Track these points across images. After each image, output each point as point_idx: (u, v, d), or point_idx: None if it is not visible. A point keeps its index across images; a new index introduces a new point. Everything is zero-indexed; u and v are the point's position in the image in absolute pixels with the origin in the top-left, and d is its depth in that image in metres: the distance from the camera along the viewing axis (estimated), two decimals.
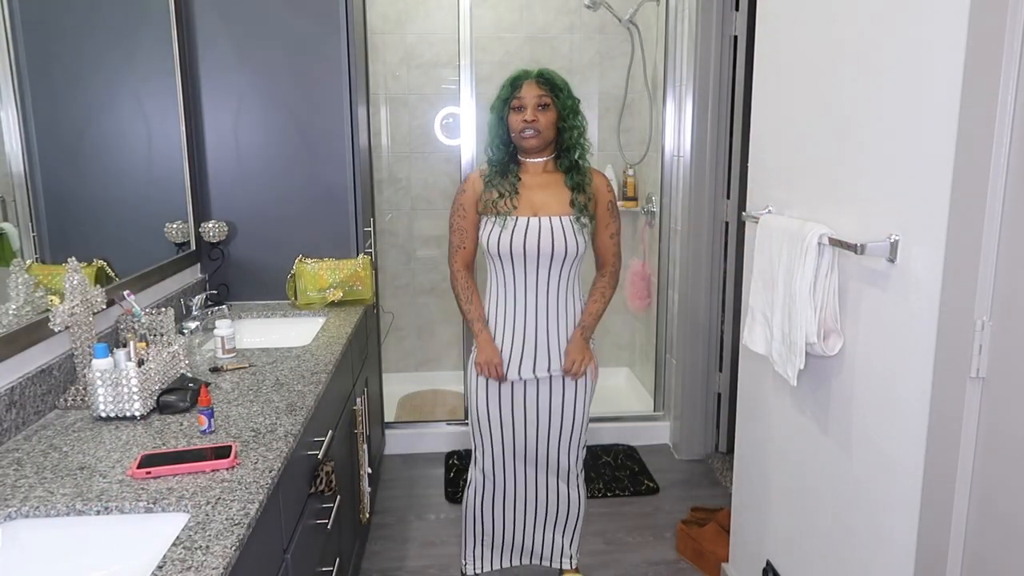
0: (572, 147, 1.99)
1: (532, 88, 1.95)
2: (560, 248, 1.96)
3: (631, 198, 3.90)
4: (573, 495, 2.24)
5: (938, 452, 1.28)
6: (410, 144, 3.93)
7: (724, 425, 3.30)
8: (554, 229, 1.96)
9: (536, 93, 1.94)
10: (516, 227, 1.95)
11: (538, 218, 1.96)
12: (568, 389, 2.10)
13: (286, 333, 2.43)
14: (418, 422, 3.42)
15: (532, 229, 1.95)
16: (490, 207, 1.98)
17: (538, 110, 1.94)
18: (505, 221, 1.96)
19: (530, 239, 1.95)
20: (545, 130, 1.95)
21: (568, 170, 2.01)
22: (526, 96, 1.94)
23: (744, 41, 2.93)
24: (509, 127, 1.98)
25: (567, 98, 1.97)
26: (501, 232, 1.95)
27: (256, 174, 2.61)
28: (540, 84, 1.96)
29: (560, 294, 2.03)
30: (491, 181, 2.01)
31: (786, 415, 1.86)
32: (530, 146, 1.97)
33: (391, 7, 3.76)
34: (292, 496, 1.46)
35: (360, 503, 2.27)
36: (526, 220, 1.96)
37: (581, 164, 2.01)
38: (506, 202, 1.97)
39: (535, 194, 2.00)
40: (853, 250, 1.42)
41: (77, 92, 1.85)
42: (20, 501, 1.18)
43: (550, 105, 1.95)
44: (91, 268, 1.83)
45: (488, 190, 2.00)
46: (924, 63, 1.29)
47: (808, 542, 1.78)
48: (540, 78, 1.96)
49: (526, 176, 2.02)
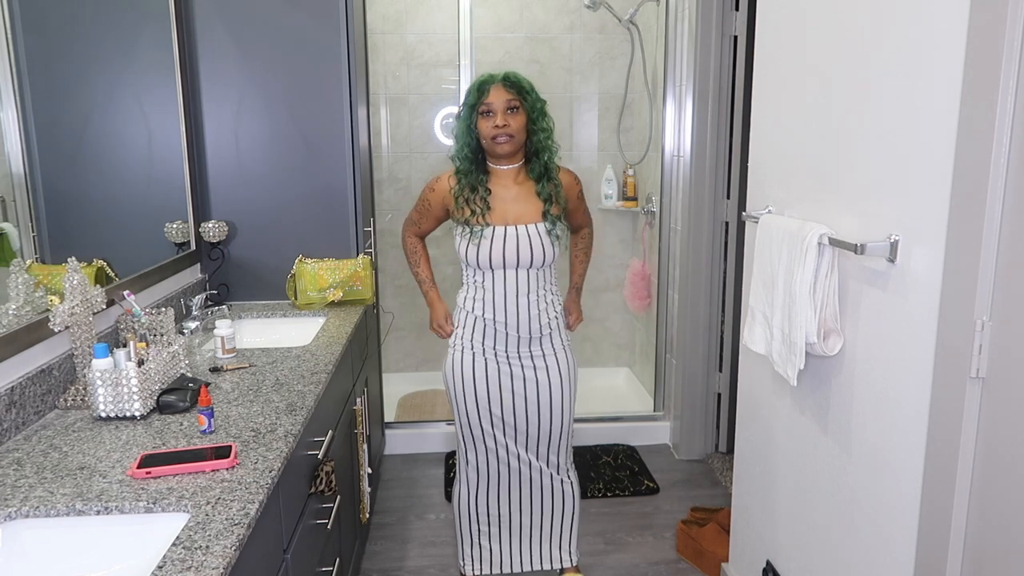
0: (542, 150, 1.98)
1: (500, 92, 1.92)
2: (537, 256, 1.98)
3: (631, 198, 3.90)
4: (567, 488, 2.23)
5: (938, 452, 1.28)
6: (410, 144, 3.93)
7: (724, 425, 3.30)
8: (531, 237, 1.97)
9: (505, 97, 1.91)
10: (493, 238, 1.96)
11: (515, 227, 1.97)
12: (551, 366, 2.11)
13: (286, 333, 2.43)
14: (418, 422, 3.42)
15: (510, 239, 1.96)
16: (463, 222, 1.99)
17: (508, 114, 1.92)
18: (482, 233, 1.96)
19: (508, 249, 1.96)
20: (517, 134, 1.94)
21: (539, 178, 2.00)
22: (494, 101, 1.91)
23: (744, 41, 2.93)
24: (479, 134, 1.95)
25: (536, 100, 1.96)
26: (479, 244, 1.96)
27: (256, 174, 2.61)
28: (507, 88, 1.92)
29: (535, 286, 2.04)
30: (461, 195, 1.99)
31: (786, 415, 1.86)
32: (503, 152, 1.95)
33: (391, 7, 3.76)
34: (292, 496, 1.46)
35: (360, 503, 2.27)
36: (503, 231, 1.96)
37: (551, 169, 2.00)
38: (478, 218, 1.97)
39: (508, 204, 2.00)
40: (853, 250, 1.42)
41: (77, 92, 1.85)
42: (20, 501, 1.18)
43: (519, 108, 1.93)
44: (91, 268, 1.83)
45: (459, 207, 2.00)
46: (924, 62, 1.29)
47: (808, 542, 1.78)
48: (507, 81, 1.93)
49: (497, 186, 2.01)
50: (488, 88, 1.92)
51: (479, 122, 1.94)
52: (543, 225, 1.98)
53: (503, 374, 2.09)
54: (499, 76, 1.94)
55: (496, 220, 1.97)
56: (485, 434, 2.15)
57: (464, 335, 2.09)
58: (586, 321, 4.20)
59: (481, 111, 1.93)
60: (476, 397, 2.10)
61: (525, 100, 1.94)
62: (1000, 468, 1.18)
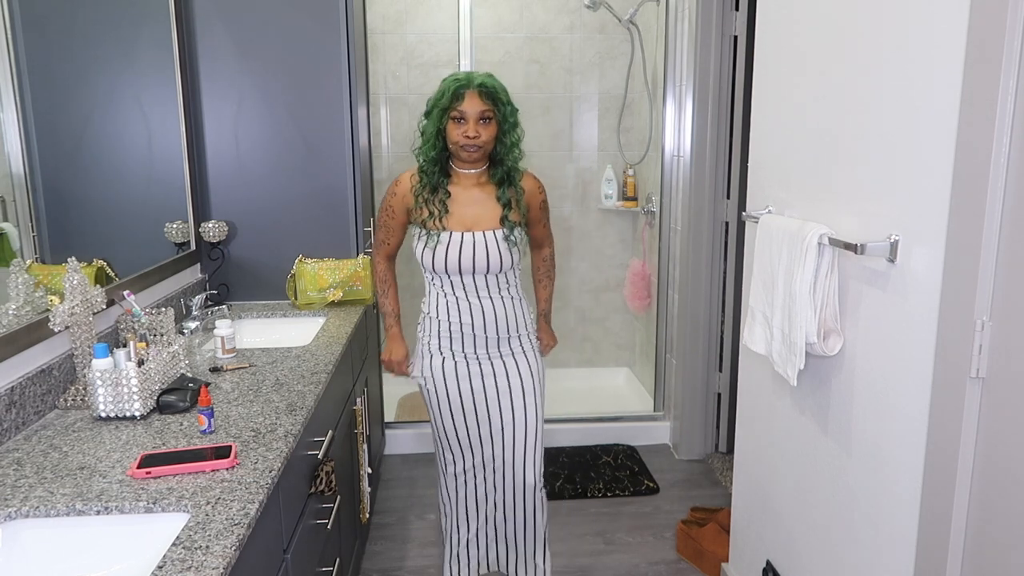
0: (507, 156, 1.94)
1: (475, 101, 1.85)
2: (495, 262, 1.94)
3: (631, 198, 3.90)
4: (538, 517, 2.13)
5: (938, 452, 1.28)
6: (410, 144, 3.92)
7: (724, 425, 3.30)
8: (488, 244, 1.93)
9: (479, 108, 1.85)
10: (450, 244, 1.92)
11: (472, 233, 1.92)
12: (520, 364, 2.05)
13: (286, 333, 2.43)
14: (418, 422, 3.41)
15: (466, 245, 1.92)
16: (420, 224, 1.95)
17: (480, 124, 1.87)
18: (439, 238, 1.91)
19: (464, 255, 1.92)
20: (486, 144, 1.89)
21: (501, 183, 1.95)
22: (468, 110, 1.85)
23: (744, 41, 2.93)
24: (447, 137, 1.89)
25: (509, 111, 1.90)
26: (435, 249, 1.92)
27: (256, 174, 2.61)
28: (483, 96, 1.86)
29: (497, 289, 1.99)
30: (421, 195, 1.95)
31: (786, 415, 1.86)
32: (470, 159, 1.92)
33: (391, 7, 3.76)
34: (292, 496, 1.46)
35: (360, 503, 2.27)
36: (459, 236, 1.92)
37: (513, 175, 1.96)
38: (435, 222, 1.92)
39: (466, 209, 1.95)
40: (853, 250, 1.42)
41: (77, 92, 1.85)
42: (20, 501, 1.18)
43: (491, 118, 1.88)
44: (91, 268, 1.83)
45: (419, 206, 1.96)
46: (924, 62, 1.29)
47: (808, 542, 1.78)
48: (483, 89, 1.85)
49: (457, 188, 1.96)
50: (463, 94, 1.85)
51: (449, 126, 1.88)
52: (500, 232, 1.94)
53: (473, 375, 2.03)
54: (475, 81, 1.86)
55: (453, 225, 1.93)
56: (462, 443, 2.09)
57: (432, 343, 2.04)
58: (586, 321, 4.24)
59: (453, 116, 1.86)
60: (449, 400, 2.05)
61: (498, 110, 1.88)
62: (1000, 468, 1.18)
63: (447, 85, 1.87)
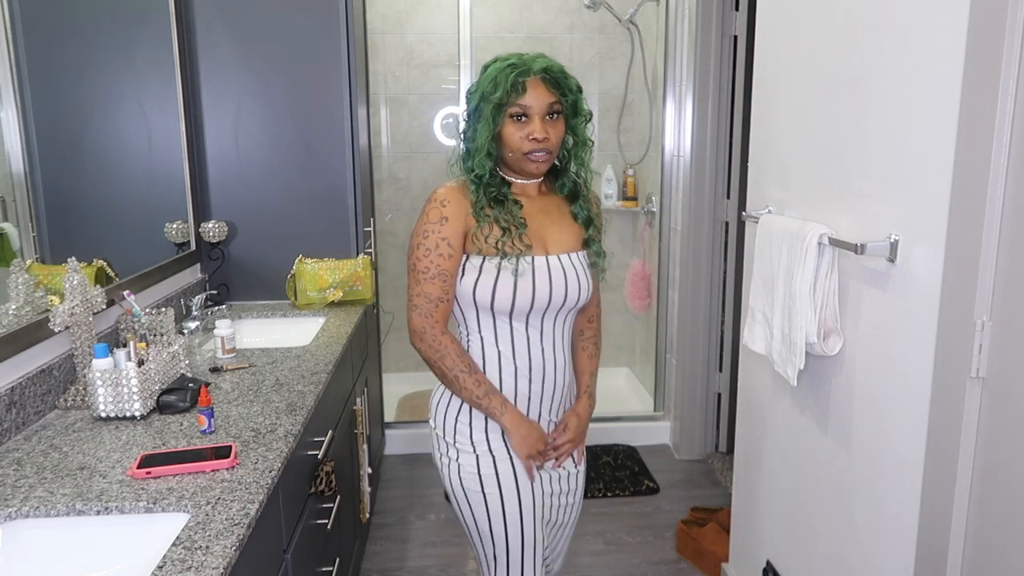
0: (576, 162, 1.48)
1: (540, 92, 1.36)
2: (584, 295, 1.47)
3: (631, 198, 3.90)
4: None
5: (938, 452, 1.28)
6: (410, 144, 3.93)
7: (724, 425, 3.30)
8: (576, 269, 1.45)
9: (547, 100, 1.37)
10: (535, 271, 1.40)
11: (557, 257, 1.43)
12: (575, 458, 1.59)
13: (286, 333, 2.43)
14: (418, 422, 3.41)
15: (555, 271, 1.42)
16: (491, 246, 1.38)
17: (547, 121, 1.38)
18: (518, 263, 1.38)
19: (556, 285, 1.42)
20: (556, 148, 1.42)
21: (572, 196, 1.50)
22: (533, 103, 1.36)
23: (744, 41, 2.93)
24: (503, 141, 1.38)
25: (579, 100, 1.43)
26: (516, 283, 1.38)
27: (256, 174, 2.61)
28: (549, 86, 1.37)
29: (561, 337, 1.49)
30: (483, 209, 1.40)
31: (786, 415, 1.86)
32: (538, 172, 1.43)
33: (391, 7, 3.76)
34: (292, 496, 1.46)
35: (360, 503, 2.27)
36: (544, 261, 1.42)
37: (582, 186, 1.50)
38: (513, 242, 1.38)
39: (540, 224, 1.45)
40: (853, 250, 1.42)
41: (77, 92, 1.85)
42: (20, 501, 1.18)
43: (560, 112, 1.40)
44: (91, 268, 1.83)
45: (483, 223, 1.39)
46: (924, 62, 1.29)
47: (808, 542, 1.78)
48: (547, 75, 1.37)
49: (522, 199, 1.46)
50: (524, 83, 1.35)
51: (507, 127, 1.37)
52: (582, 255, 1.48)
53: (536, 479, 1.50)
54: (537, 66, 1.36)
55: (535, 248, 1.42)
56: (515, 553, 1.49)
57: (475, 435, 1.46)
58: None
59: (512, 112, 1.36)
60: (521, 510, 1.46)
61: (566, 100, 1.40)
62: (1000, 468, 1.18)
63: (500, 73, 1.36)
